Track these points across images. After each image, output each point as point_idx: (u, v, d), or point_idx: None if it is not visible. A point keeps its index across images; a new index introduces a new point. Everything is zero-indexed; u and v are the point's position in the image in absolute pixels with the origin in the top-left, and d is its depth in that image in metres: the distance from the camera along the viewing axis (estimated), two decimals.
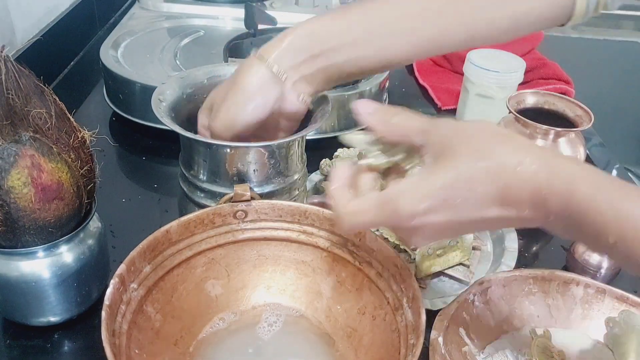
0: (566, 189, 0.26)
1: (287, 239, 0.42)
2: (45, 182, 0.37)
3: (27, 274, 0.39)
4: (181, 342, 0.39)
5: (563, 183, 0.26)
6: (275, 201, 0.42)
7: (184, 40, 0.77)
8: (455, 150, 0.28)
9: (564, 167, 0.27)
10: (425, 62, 0.89)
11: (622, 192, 0.26)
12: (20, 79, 0.36)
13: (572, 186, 0.26)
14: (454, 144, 0.28)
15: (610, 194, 0.26)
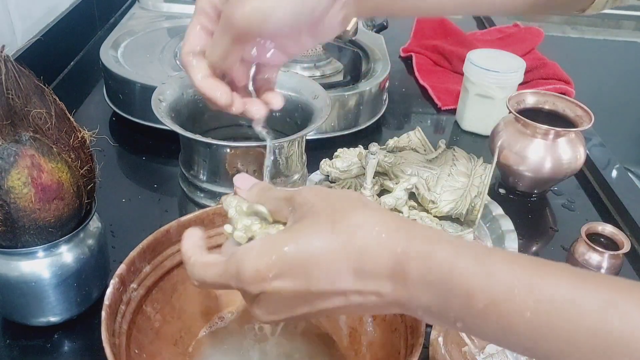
0: (426, 251, 0.23)
1: None
2: (45, 182, 0.37)
3: (27, 274, 0.39)
4: (181, 342, 0.39)
5: (422, 244, 0.24)
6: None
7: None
8: (313, 213, 0.25)
9: (423, 231, 0.24)
10: (425, 62, 0.89)
11: (487, 253, 0.23)
12: (20, 79, 0.36)
13: (432, 247, 0.23)
14: (314, 207, 0.26)
15: (475, 255, 0.23)
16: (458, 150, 0.59)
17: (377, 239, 0.24)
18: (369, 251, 0.24)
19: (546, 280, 0.22)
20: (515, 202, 0.61)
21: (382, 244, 0.24)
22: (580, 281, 0.22)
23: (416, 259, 0.23)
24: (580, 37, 1.20)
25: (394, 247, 0.24)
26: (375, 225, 0.24)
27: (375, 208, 0.26)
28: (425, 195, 0.53)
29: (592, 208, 0.61)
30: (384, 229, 0.24)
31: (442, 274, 0.23)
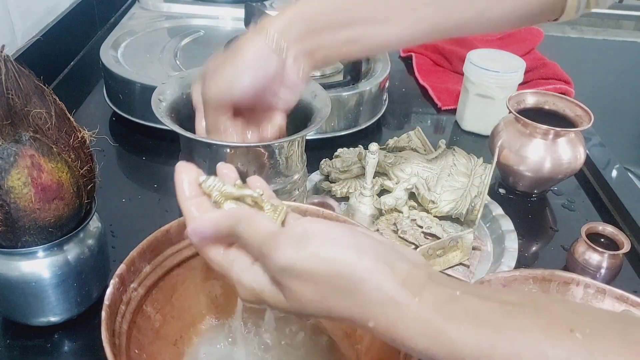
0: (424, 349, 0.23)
1: None
2: (45, 182, 0.37)
3: (27, 273, 0.39)
4: (181, 342, 0.39)
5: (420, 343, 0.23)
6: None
7: (184, 40, 0.77)
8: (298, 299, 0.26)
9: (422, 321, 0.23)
10: (425, 61, 0.89)
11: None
12: (20, 79, 0.36)
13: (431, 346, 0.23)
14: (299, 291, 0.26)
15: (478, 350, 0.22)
16: (458, 150, 0.59)
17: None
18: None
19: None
20: (515, 202, 0.61)
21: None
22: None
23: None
24: (580, 37, 1.20)
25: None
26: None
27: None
28: (425, 195, 0.53)
29: (592, 208, 0.61)
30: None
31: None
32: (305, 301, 0.26)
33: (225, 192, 0.30)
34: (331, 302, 0.25)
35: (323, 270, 0.25)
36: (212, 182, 0.30)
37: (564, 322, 0.21)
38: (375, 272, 0.24)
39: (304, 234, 0.26)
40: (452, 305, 0.23)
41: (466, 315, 0.23)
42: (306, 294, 0.25)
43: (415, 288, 0.24)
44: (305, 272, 0.25)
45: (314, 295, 0.25)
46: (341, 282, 0.24)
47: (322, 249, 0.25)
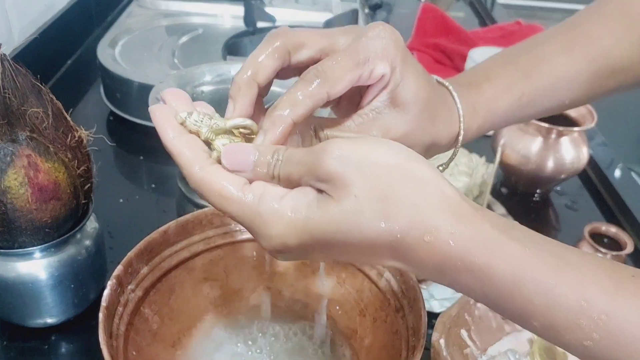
0: (484, 264, 0.22)
1: None
2: (42, 182, 0.36)
3: (24, 274, 0.39)
4: (179, 344, 0.38)
5: (481, 256, 0.22)
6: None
7: (182, 38, 0.77)
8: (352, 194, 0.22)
9: (486, 237, 0.22)
10: (427, 59, 0.88)
11: (554, 272, 0.21)
12: (17, 78, 0.36)
13: (492, 260, 0.21)
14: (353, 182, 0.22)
15: (542, 272, 0.21)
16: (460, 149, 0.59)
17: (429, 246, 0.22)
18: (417, 256, 0.22)
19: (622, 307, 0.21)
20: (517, 202, 0.60)
21: (432, 253, 0.22)
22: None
23: (471, 272, 0.22)
24: None
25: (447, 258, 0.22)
26: (426, 234, 0.22)
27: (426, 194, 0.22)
28: None
29: (595, 208, 0.61)
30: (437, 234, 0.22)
31: (497, 294, 0.22)
32: (362, 198, 0.22)
33: (215, 126, 0.25)
34: (390, 201, 0.21)
35: (384, 160, 0.22)
36: (197, 117, 0.25)
37: (625, 269, 0.21)
38: (441, 181, 0.22)
39: (358, 138, 0.23)
40: (513, 230, 0.22)
41: (530, 240, 0.22)
42: (364, 187, 0.22)
43: (475, 206, 0.23)
44: (364, 158, 0.22)
45: (372, 190, 0.22)
46: (403, 177, 0.22)
47: (382, 144, 0.23)
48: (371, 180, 0.22)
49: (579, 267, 0.21)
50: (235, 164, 0.24)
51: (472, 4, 1.16)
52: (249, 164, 0.24)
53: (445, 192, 0.22)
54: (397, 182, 0.22)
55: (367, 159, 0.22)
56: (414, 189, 0.22)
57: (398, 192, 0.22)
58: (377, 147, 0.23)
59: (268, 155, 0.24)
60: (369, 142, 0.23)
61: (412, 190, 0.22)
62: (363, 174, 0.22)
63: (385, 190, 0.22)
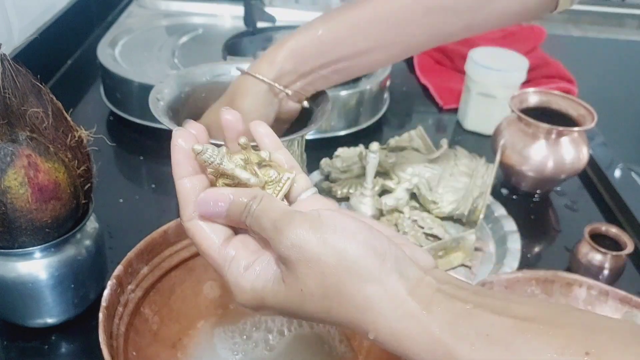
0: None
1: None
2: (42, 182, 0.36)
3: (24, 274, 0.39)
4: (179, 344, 0.38)
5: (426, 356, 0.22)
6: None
7: (183, 38, 0.77)
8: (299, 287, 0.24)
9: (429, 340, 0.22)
10: (426, 60, 0.88)
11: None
12: (17, 78, 0.36)
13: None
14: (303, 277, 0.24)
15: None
16: (460, 149, 0.59)
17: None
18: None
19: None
20: (517, 202, 0.60)
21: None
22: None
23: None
24: (583, 36, 1.20)
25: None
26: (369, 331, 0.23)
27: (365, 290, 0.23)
28: (427, 195, 0.52)
29: (595, 208, 0.61)
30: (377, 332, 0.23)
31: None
32: (307, 292, 0.24)
33: (220, 168, 0.27)
34: (333, 300, 0.23)
35: (332, 260, 0.23)
36: (210, 155, 0.27)
37: (580, 344, 0.20)
38: (386, 277, 0.23)
39: (319, 219, 0.24)
40: (462, 321, 0.22)
41: (477, 334, 0.21)
42: (310, 283, 0.23)
43: (424, 299, 0.23)
44: (314, 256, 0.23)
45: (317, 287, 0.23)
46: (348, 278, 0.23)
47: (335, 237, 0.23)
48: (318, 278, 0.23)
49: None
50: (208, 213, 0.27)
51: None
52: (221, 212, 0.26)
53: (389, 290, 0.23)
54: (342, 282, 0.23)
55: (317, 256, 0.23)
56: (357, 290, 0.23)
57: (342, 292, 0.23)
58: (331, 239, 0.23)
59: (241, 206, 0.26)
60: (327, 230, 0.24)
61: (356, 291, 0.23)
62: (312, 271, 0.23)
63: (330, 289, 0.23)
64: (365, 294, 0.23)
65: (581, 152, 0.57)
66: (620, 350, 0.20)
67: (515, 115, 0.58)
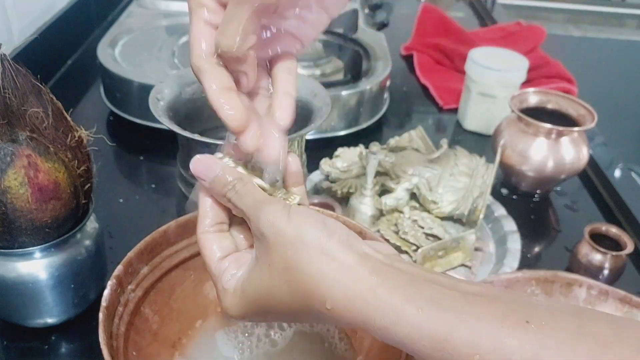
0: (383, 328, 0.23)
1: None
2: (42, 182, 0.36)
3: (24, 274, 0.39)
4: (179, 344, 0.38)
5: (381, 321, 0.23)
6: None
7: (182, 38, 0.77)
8: (267, 262, 0.26)
9: (379, 303, 0.23)
10: (426, 60, 0.88)
11: (447, 331, 0.22)
12: (17, 78, 0.36)
13: (390, 326, 0.23)
14: (273, 253, 0.26)
15: (435, 332, 0.22)
16: (460, 149, 0.59)
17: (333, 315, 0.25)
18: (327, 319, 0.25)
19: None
20: (517, 202, 0.60)
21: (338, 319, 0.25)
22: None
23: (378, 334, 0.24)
24: (583, 36, 1.20)
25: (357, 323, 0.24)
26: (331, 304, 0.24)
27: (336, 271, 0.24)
28: (427, 195, 0.52)
29: (595, 208, 0.61)
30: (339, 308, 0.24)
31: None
32: (273, 267, 0.25)
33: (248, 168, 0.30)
34: (293, 272, 0.25)
35: (293, 234, 0.25)
36: (226, 162, 0.29)
37: (521, 314, 0.21)
38: (336, 248, 0.25)
39: (293, 207, 0.27)
40: (411, 289, 0.23)
41: (425, 300, 0.23)
42: (275, 256, 0.25)
43: (374, 267, 0.24)
44: (280, 231, 0.25)
45: (280, 260, 0.25)
46: (303, 249, 0.25)
47: (299, 217, 0.26)
48: (281, 251, 0.25)
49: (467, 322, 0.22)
50: (199, 171, 0.29)
51: (472, 5, 1.16)
52: (210, 175, 0.28)
53: (339, 259, 0.24)
54: (298, 253, 0.25)
55: (283, 231, 0.25)
56: (311, 259, 0.25)
57: (299, 263, 0.25)
58: (296, 218, 0.26)
59: (228, 177, 0.28)
60: (294, 213, 0.26)
61: (310, 261, 0.25)
62: (278, 245, 0.25)
63: (290, 261, 0.25)
64: (319, 264, 0.24)
65: (581, 152, 0.57)
66: (558, 320, 0.21)
67: (515, 115, 0.58)
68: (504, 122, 0.61)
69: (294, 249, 0.25)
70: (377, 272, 0.24)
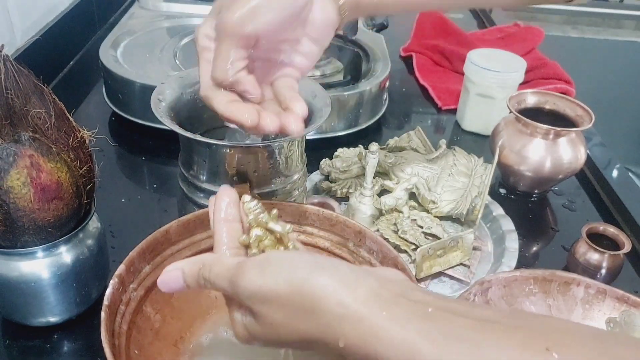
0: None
1: None
2: (45, 182, 0.37)
3: (27, 274, 0.39)
4: (181, 342, 0.39)
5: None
6: (275, 201, 0.42)
7: (184, 39, 0.77)
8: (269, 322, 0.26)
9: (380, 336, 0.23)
10: (425, 61, 0.88)
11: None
12: (20, 79, 0.36)
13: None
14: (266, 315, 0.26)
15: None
16: (458, 150, 0.59)
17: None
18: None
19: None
20: (515, 202, 0.61)
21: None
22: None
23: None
24: (581, 37, 1.20)
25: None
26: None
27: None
28: (426, 195, 0.53)
29: (592, 208, 0.61)
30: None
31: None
32: (277, 325, 0.26)
33: (259, 219, 0.32)
34: (300, 324, 0.25)
35: (284, 291, 0.25)
36: (254, 206, 0.32)
37: (541, 340, 0.21)
38: (334, 289, 0.24)
39: (266, 260, 0.26)
40: (424, 321, 0.22)
41: (440, 332, 0.22)
42: (275, 317, 0.25)
43: (382, 303, 0.23)
44: (270, 294, 0.25)
45: (283, 318, 0.25)
46: (303, 301, 0.24)
47: (283, 270, 0.25)
48: (280, 311, 0.25)
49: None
50: (171, 290, 0.30)
51: None
52: (180, 287, 0.30)
53: (344, 302, 0.24)
54: (297, 308, 0.25)
55: (273, 293, 0.25)
56: (312, 309, 0.24)
57: (302, 315, 0.25)
58: (279, 274, 0.25)
59: (194, 277, 0.29)
60: (274, 268, 0.26)
61: (312, 311, 0.24)
62: (273, 307, 0.25)
63: (292, 315, 0.25)
64: (324, 308, 0.24)
65: (579, 152, 0.58)
66: (578, 345, 0.20)
67: (513, 115, 0.58)
68: (502, 123, 0.61)
69: (291, 304, 0.25)
70: (387, 307, 0.23)
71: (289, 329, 0.25)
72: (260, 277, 0.26)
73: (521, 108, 0.60)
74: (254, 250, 0.31)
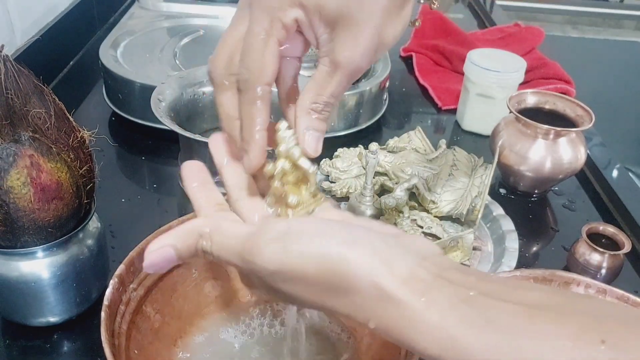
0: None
1: None
2: (45, 182, 0.37)
3: (27, 274, 0.39)
4: (180, 342, 0.39)
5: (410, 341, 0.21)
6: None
7: (184, 39, 0.77)
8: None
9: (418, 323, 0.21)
10: (425, 61, 0.88)
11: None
12: (20, 79, 0.36)
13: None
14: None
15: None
16: (458, 150, 0.59)
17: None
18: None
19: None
20: (515, 202, 0.61)
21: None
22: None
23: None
24: (581, 37, 1.21)
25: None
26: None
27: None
28: (426, 195, 0.53)
29: (592, 208, 0.61)
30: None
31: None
32: (303, 300, 0.23)
33: (290, 152, 0.28)
34: (328, 302, 0.23)
35: (313, 269, 0.22)
36: (289, 136, 0.28)
37: (595, 332, 0.19)
38: (372, 269, 0.22)
39: (288, 232, 0.23)
40: (465, 307, 0.20)
41: (482, 318, 0.20)
42: (302, 294, 0.23)
43: (420, 286, 0.21)
44: (295, 274, 0.22)
45: (310, 296, 0.23)
46: (335, 280, 0.22)
47: (312, 245, 0.22)
48: (308, 291, 0.23)
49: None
50: (158, 266, 0.26)
51: (471, 6, 1.16)
52: (172, 265, 0.26)
53: (381, 284, 0.21)
54: (329, 288, 0.22)
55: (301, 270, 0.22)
56: (345, 291, 0.22)
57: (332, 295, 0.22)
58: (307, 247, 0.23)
59: (191, 251, 0.26)
60: (298, 240, 0.23)
61: (345, 292, 0.22)
62: (300, 286, 0.23)
63: (319, 294, 0.23)
64: (358, 290, 0.22)
65: (579, 153, 0.58)
66: (636, 338, 0.18)
67: (513, 115, 0.58)
68: (502, 123, 0.61)
69: (322, 284, 0.22)
70: (427, 291, 0.21)
71: (317, 304, 0.23)
72: (283, 253, 0.22)
73: (521, 108, 0.60)
74: (275, 184, 0.27)
